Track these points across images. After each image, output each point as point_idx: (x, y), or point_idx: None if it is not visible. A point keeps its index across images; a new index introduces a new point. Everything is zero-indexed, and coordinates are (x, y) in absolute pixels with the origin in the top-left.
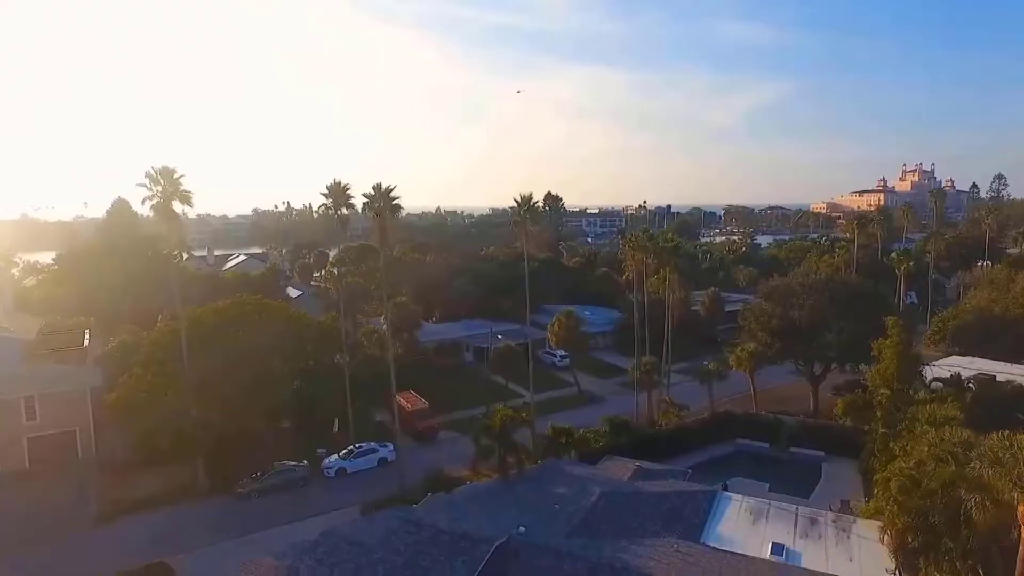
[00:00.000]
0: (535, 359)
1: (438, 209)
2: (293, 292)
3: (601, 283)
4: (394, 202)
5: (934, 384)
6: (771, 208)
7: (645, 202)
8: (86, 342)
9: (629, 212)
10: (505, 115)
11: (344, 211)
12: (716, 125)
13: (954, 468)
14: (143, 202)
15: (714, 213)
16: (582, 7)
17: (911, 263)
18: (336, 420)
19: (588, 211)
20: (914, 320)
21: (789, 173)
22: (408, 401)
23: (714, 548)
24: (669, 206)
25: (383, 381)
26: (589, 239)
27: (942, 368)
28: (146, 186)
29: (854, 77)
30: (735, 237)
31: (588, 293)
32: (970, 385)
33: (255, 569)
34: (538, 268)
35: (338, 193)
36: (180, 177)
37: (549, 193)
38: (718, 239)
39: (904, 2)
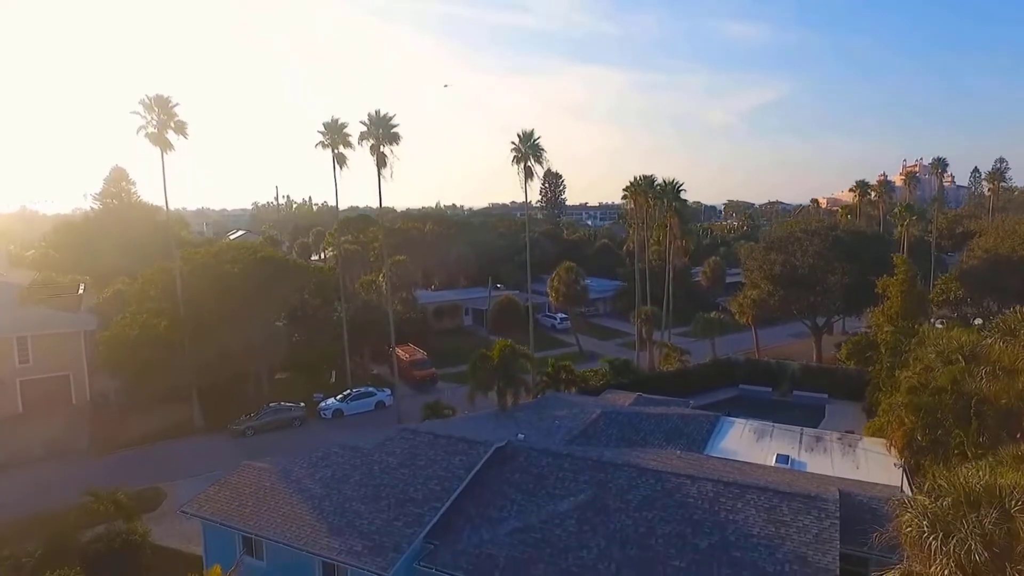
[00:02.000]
0: (535, 322)
1: (437, 204)
2: None
3: (601, 256)
4: (392, 131)
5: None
6: (771, 203)
7: None
8: (80, 291)
9: (629, 207)
10: (503, 115)
11: (340, 150)
12: (715, 123)
13: (963, 365)
14: (137, 132)
15: (714, 207)
16: (582, 7)
17: (914, 218)
18: (333, 372)
19: (588, 205)
20: None
21: (789, 171)
22: (406, 352)
23: (718, 457)
24: None
25: (380, 331)
26: (589, 223)
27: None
28: (140, 114)
29: (855, 76)
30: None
31: (588, 265)
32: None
33: (249, 470)
34: (539, 238)
35: (335, 131)
36: (175, 106)
37: (549, 170)
38: None
39: (905, 2)
